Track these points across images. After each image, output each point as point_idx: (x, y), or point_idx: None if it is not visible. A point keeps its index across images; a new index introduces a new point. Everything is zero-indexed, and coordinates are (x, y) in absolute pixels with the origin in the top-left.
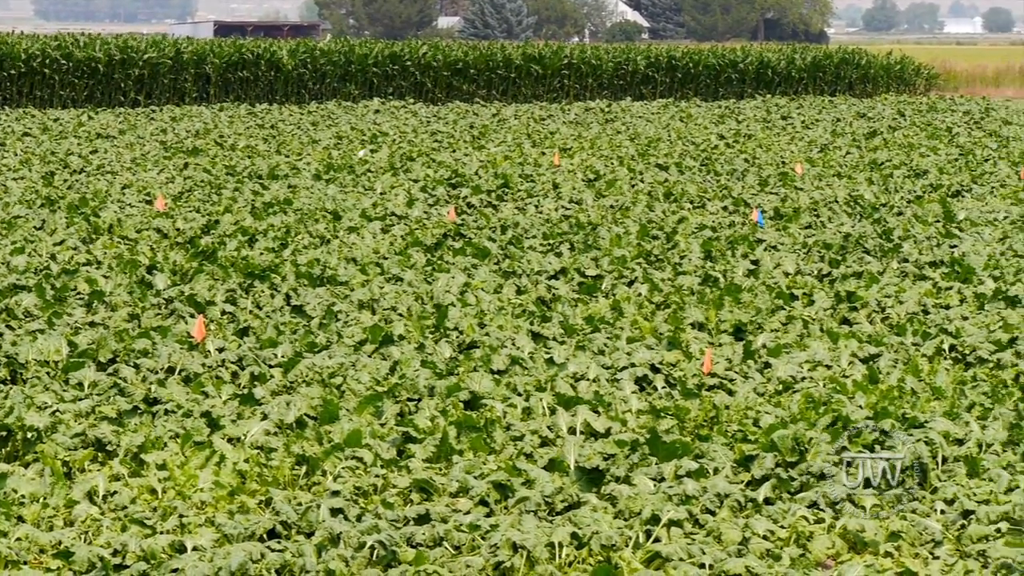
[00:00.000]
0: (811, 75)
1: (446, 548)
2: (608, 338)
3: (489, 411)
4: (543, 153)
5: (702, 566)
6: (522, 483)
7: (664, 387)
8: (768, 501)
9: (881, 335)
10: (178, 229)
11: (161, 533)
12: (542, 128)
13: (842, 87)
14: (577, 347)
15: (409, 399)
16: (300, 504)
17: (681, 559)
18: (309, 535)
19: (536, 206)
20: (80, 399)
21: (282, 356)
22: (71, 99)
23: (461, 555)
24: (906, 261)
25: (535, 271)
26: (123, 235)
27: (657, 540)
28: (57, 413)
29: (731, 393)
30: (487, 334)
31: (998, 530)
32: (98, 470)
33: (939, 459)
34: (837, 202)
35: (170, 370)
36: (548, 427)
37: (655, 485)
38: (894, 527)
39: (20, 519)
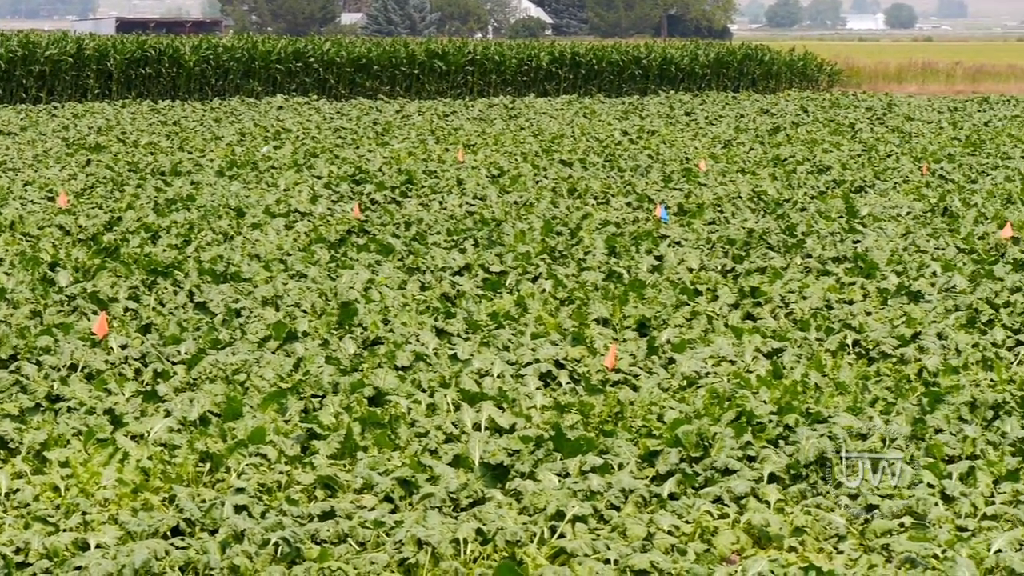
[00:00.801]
0: (714, 71)
1: (351, 545)
2: (512, 334)
3: (394, 407)
4: (447, 149)
5: (607, 562)
6: (427, 479)
7: (569, 383)
8: (673, 496)
9: (785, 330)
10: (80, 226)
11: (64, 531)
12: (446, 124)
13: (745, 83)
14: (481, 343)
15: (313, 395)
16: (204, 501)
17: (586, 555)
18: (213, 532)
19: (440, 202)
20: None
21: (185, 353)
22: None
23: (366, 552)
24: (809, 257)
25: (439, 267)
26: (25, 232)
27: (562, 536)
28: None
29: (635, 389)
30: (391, 330)
31: (901, 524)
32: (0, 468)
33: (843, 454)
34: (740, 198)
35: (73, 367)
36: (453, 423)
37: (560, 481)
38: (798, 522)
39: None
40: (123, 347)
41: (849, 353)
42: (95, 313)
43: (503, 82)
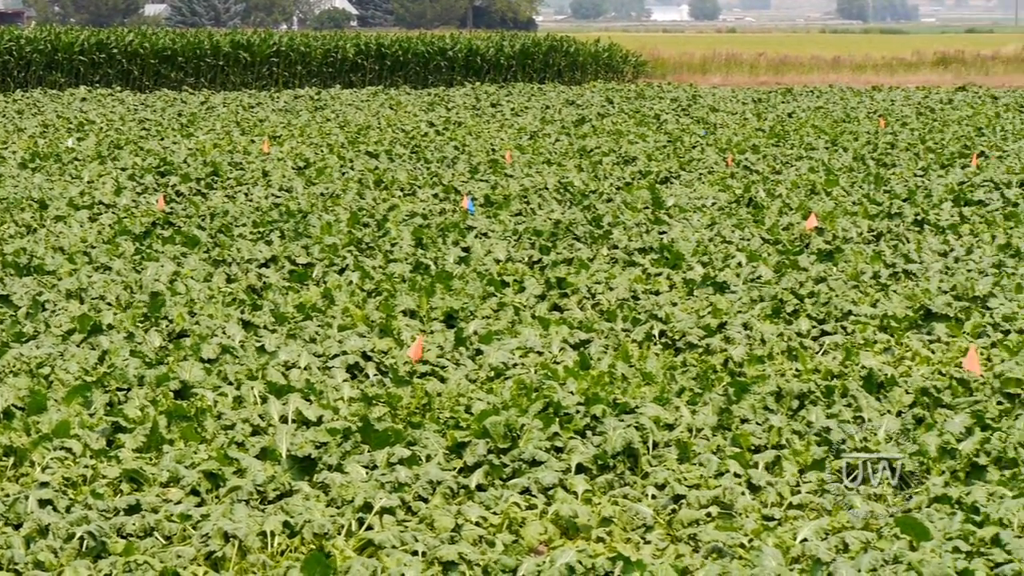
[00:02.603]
0: (520, 63)
1: (157, 538)
2: (319, 326)
3: (200, 400)
4: (252, 141)
5: (415, 553)
6: (233, 472)
7: (376, 375)
8: (481, 488)
9: (591, 321)
10: None
11: None
12: (251, 116)
13: (551, 74)
14: (288, 335)
15: (119, 389)
16: (8, 495)
17: (394, 546)
18: (17, 527)
19: (246, 194)
20: None
21: None
22: None
23: (172, 545)
24: (616, 247)
25: (245, 259)
26: None
27: (370, 528)
28: None
29: (443, 380)
30: (197, 323)
31: (708, 514)
32: None
33: (650, 444)
34: (547, 189)
35: None
36: (260, 416)
37: (367, 473)
38: (606, 512)
39: None
40: None
41: (656, 343)
42: None
43: (308, 73)
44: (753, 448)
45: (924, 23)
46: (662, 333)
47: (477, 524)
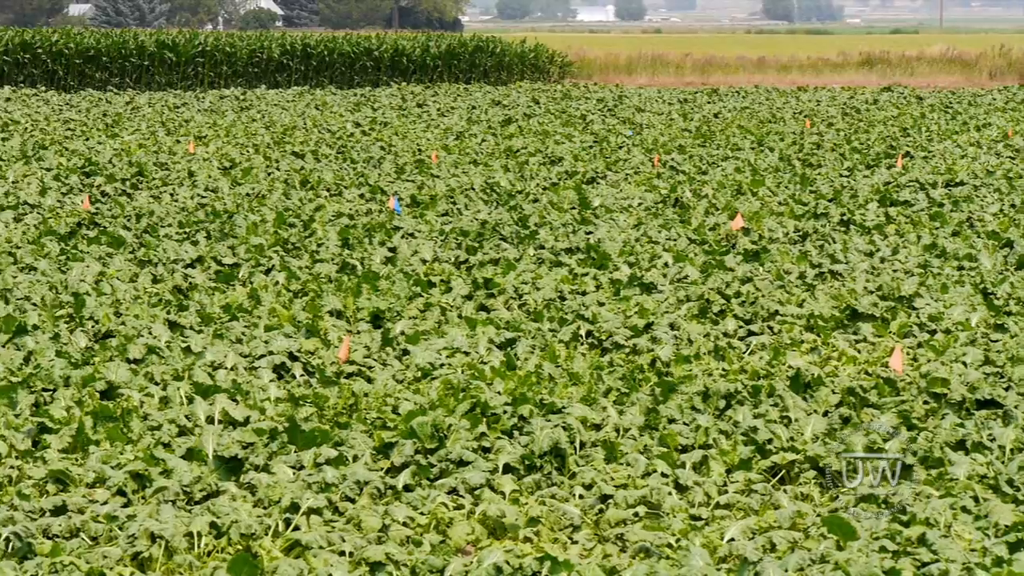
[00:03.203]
0: (446, 63)
1: (83, 539)
2: (246, 326)
3: (126, 401)
4: (178, 141)
5: (342, 554)
6: (160, 473)
7: (303, 375)
8: (408, 488)
9: (518, 321)
10: None
11: None
12: (176, 116)
13: (477, 75)
14: (215, 336)
15: (44, 389)
16: None
17: (321, 547)
18: None
19: (171, 194)
20: None
21: None
22: None
23: (98, 546)
24: (542, 248)
25: (171, 260)
26: None
27: (297, 528)
28: None
29: (370, 380)
30: (123, 323)
31: (636, 514)
32: None
33: (577, 444)
34: (473, 189)
35: None
36: (186, 416)
37: (294, 473)
38: (533, 512)
39: None
40: None
41: (582, 344)
42: None
43: (234, 73)
44: (680, 448)
45: (849, 24)
46: (589, 333)
47: (404, 524)
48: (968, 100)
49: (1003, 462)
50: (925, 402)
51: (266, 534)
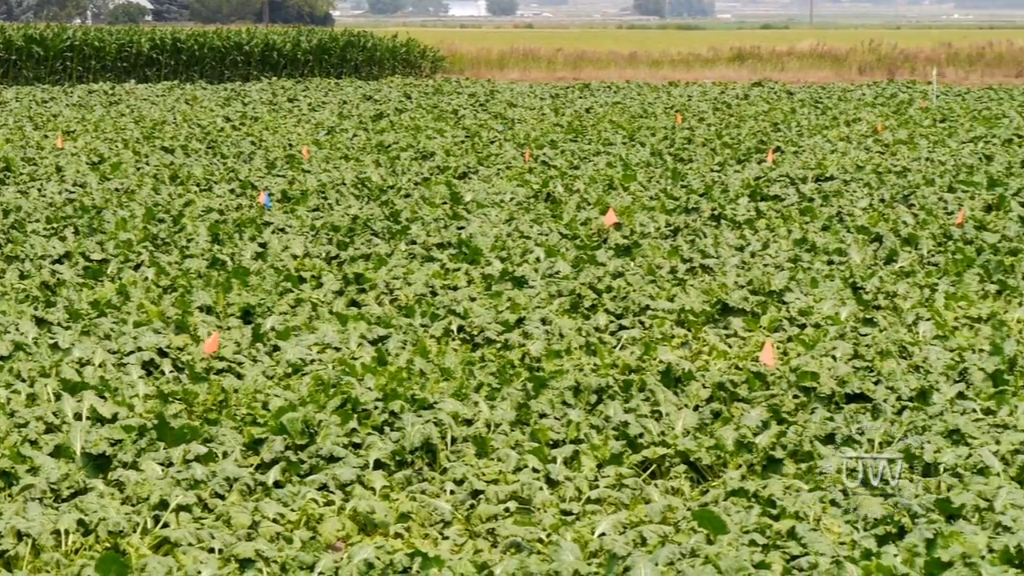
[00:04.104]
0: (317, 58)
1: None
2: (114, 322)
3: None
4: (46, 136)
5: (211, 551)
6: (27, 470)
7: (172, 371)
8: (278, 484)
9: (390, 317)
10: None
11: None
12: (44, 111)
13: (348, 70)
14: (83, 332)
15: None
16: None
17: (190, 544)
18: None
19: (39, 189)
20: None
21: None
22: None
23: None
24: (414, 243)
25: (39, 255)
26: None
27: (166, 525)
28: None
29: (240, 376)
30: None
31: (507, 509)
32: None
33: (448, 439)
34: (345, 184)
35: None
36: (53, 413)
37: (163, 470)
38: (404, 508)
39: None
40: None
41: (454, 339)
42: None
43: (103, 68)
44: (551, 443)
45: (720, 19)
46: (460, 328)
47: (274, 521)
48: (838, 95)
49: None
50: (795, 396)
51: (134, 532)
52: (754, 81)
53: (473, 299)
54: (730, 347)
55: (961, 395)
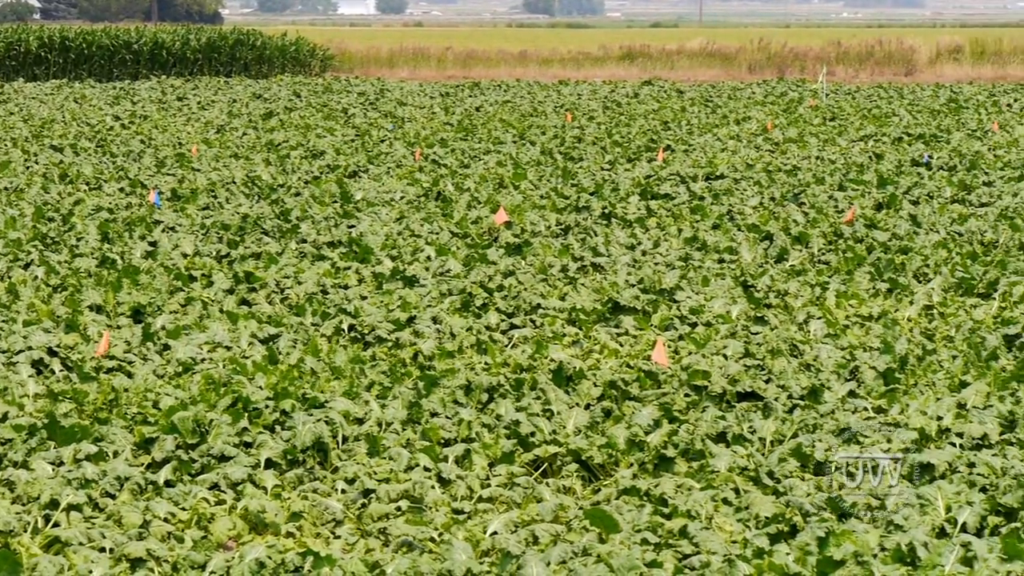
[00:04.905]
0: (206, 56)
1: None
2: (3, 321)
3: None
4: None
5: (103, 550)
6: None
7: (62, 370)
8: (169, 483)
9: (280, 316)
10: None
11: None
12: None
13: (238, 68)
14: None
15: None
16: None
17: (81, 543)
18: None
19: None
20: None
21: None
22: None
23: None
24: (304, 242)
25: None
26: None
27: (57, 525)
28: None
29: (131, 375)
30: None
31: (398, 508)
32: None
33: (340, 439)
34: (235, 183)
35: None
36: None
37: (54, 469)
38: (295, 507)
39: None
40: None
41: (345, 338)
42: None
43: None
44: (443, 442)
45: (610, 17)
46: (351, 327)
47: (165, 520)
48: (728, 94)
49: (763, 454)
50: (686, 395)
51: (25, 531)
52: (644, 80)
53: (364, 298)
54: (621, 346)
55: (852, 393)
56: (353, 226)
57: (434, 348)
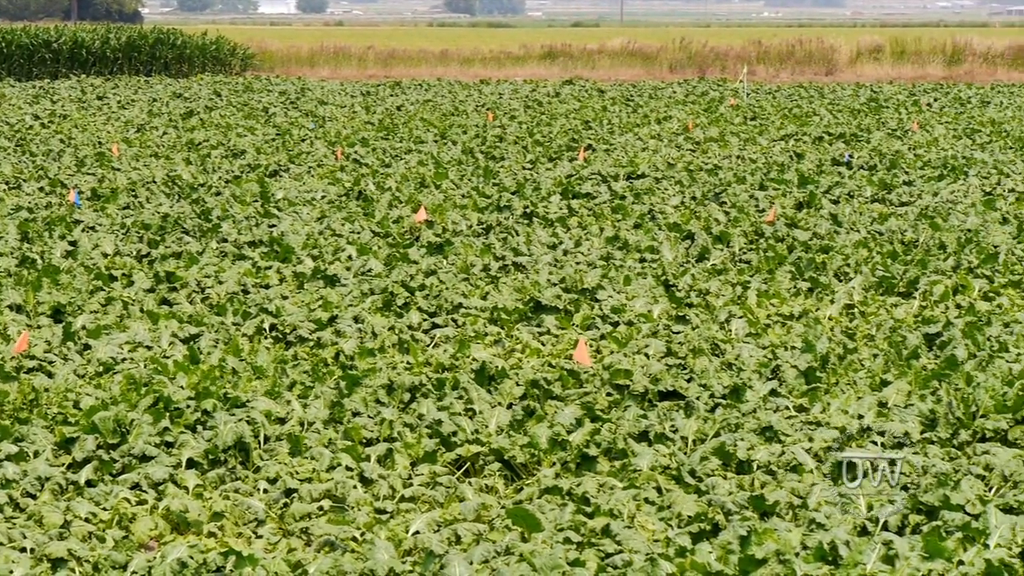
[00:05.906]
0: (126, 55)
1: None
2: None
3: None
4: None
5: (23, 550)
6: None
7: None
8: (90, 483)
9: (201, 315)
10: None
11: None
12: None
13: (158, 67)
14: None
15: None
16: None
17: (1, 543)
18: None
19: None
20: None
21: None
22: None
23: None
24: (225, 241)
25: None
26: None
27: None
28: None
29: (51, 375)
30: None
31: (320, 508)
32: None
33: (261, 438)
34: (155, 182)
35: None
36: None
37: None
38: (217, 507)
39: None
40: None
41: (266, 337)
42: None
43: None
44: (365, 441)
45: (531, 17)
46: (272, 327)
47: (87, 520)
48: (649, 93)
49: (685, 453)
50: (608, 394)
51: None
52: (565, 79)
53: (285, 297)
54: (543, 345)
55: (774, 392)
56: (274, 225)
57: (356, 348)
